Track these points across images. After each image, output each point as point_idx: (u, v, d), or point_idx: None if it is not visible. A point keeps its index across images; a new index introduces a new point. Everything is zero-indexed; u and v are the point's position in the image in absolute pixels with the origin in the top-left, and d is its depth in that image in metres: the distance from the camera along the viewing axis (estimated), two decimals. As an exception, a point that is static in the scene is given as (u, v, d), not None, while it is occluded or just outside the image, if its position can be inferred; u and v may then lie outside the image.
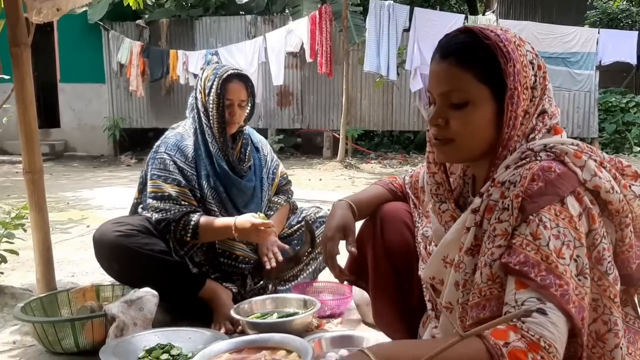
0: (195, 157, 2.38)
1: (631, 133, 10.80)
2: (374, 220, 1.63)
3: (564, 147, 1.11)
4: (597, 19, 14.03)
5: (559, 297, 0.97)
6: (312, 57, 9.37)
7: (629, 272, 1.13)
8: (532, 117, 1.17)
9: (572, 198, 1.06)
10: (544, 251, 1.02)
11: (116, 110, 11.80)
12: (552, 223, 1.03)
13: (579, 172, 1.08)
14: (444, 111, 1.18)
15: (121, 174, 8.99)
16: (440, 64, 1.18)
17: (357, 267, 1.70)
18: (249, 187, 2.49)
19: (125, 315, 2.00)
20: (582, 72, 9.51)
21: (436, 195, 1.34)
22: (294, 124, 11.49)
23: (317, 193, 6.20)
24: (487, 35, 1.15)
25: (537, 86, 1.17)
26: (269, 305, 2.28)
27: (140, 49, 10.55)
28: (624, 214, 1.10)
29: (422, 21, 8.94)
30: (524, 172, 1.09)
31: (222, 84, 2.36)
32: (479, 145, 1.19)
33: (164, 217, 2.28)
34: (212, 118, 2.38)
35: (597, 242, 1.07)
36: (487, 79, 1.14)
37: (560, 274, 1.00)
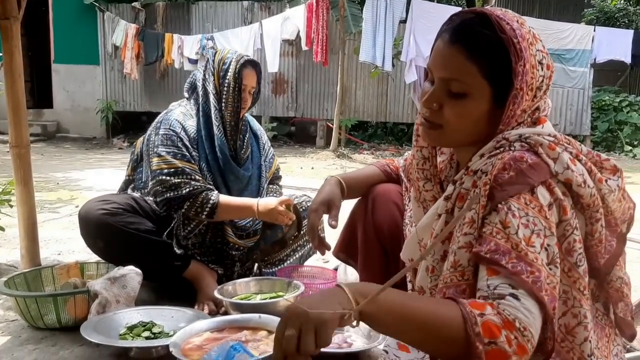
0: (197, 139, 2.36)
1: (623, 132, 10.84)
2: (366, 200, 1.66)
3: (539, 138, 1.10)
4: (594, 17, 14.04)
5: (531, 284, 0.96)
6: (307, 45, 9.34)
7: (597, 266, 1.12)
8: (526, 115, 1.16)
9: (543, 188, 1.05)
10: (513, 239, 1.00)
11: (110, 92, 11.72)
12: (521, 212, 1.02)
13: (552, 164, 1.07)
14: (441, 96, 1.15)
15: (113, 157, 8.96)
16: (449, 48, 1.13)
17: (348, 246, 1.73)
18: (246, 176, 2.47)
19: (108, 292, 2.00)
20: (576, 69, 9.54)
21: (422, 170, 1.34)
22: (288, 112, 11.47)
23: (309, 181, 6.20)
24: (504, 28, 1.10)
25: (542, 87, 1.15)
26: (252, 287, 2.28)
27: (136, 32, 10.48)
28: (594, 208, 1.09)
29: (419, 13, 8.91)
30: (496, 161, 1.08)
31: (240, 68, 2.35)
32: (467, 135, 1.18)
33: (178, 194, 2.23)
34: (226, 101, 2.36)
35: (568, 234, 1.06)
36: (492, 76, 1.11)
37: (531, 261, 0.98)
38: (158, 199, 2.27)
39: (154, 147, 2.29)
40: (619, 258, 1.16)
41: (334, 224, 1.57)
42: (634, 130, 10.86)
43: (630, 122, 10.91)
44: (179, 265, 2.29)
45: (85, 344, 1.87)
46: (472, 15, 1.14)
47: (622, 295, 1.18)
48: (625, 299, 1.18)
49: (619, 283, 1.17)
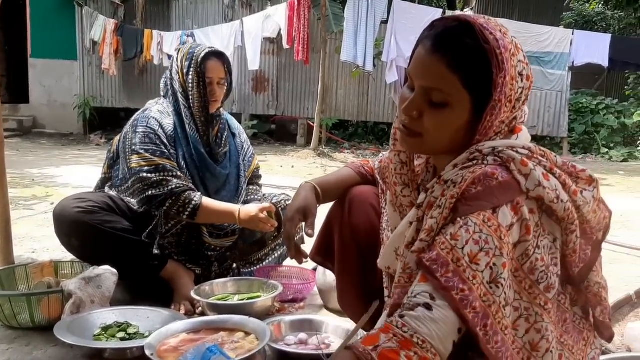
0: (174, 137, 2.33)
1: (600, 134, 11.01)
2: (343, 203, 1.64)
3: (512, 152, 1.10)
4: (573, 21, 14.23)
5: (458, 302, 0.99)
6: (289, 44, 9.31)
7: (572, 275, 1.13)
8: (504, 125, 1.15)
9: (507, 208, 1.05)
10: (456, 253, 1.02)
11: (87, 88, 11.57)
12: (477, 228, 1.02)
13: (523, 181, 1.07)
14: (421, 104, 1.14)
15: (90, 153, 8.85)
16: (430, 56, 1.11)
17: (325, 248, 1.71)
18: (223, 174, 2.44)
19: (82, 292, 1.97)
20: (554, 72, 9.65)
21: (400, 175, 1.33)
22: (268, 110, 11.44)
23: (289, 180, 6.19)
24: (487, 38, 1.08)
25: (522, 97, 1.14)
26: (230, 288, 2.26)
27: (115, 27, 10.37)
28: (569, 221, 1.09)
29: (400, 14, 8.94)
30: (467, 174, 1.08)
31: (201, 62, 2.31)
32: (446, 144, 1.17)
33: (162, 191, 2.19)
34: (193, 98, 2.33)
35: (531, 253, 1.06)
36: (473, 86, 1.09)
37: (466, 278, 1.00)
38: (139, 197, 2.24)
39: (132, 146, 2.25)
40: (595, 265, 1.16)
41: (311, 232, 1.56)
42: (610, 132, 11.04)
43: (607, 124, 11.09)
44: (156, 264, 2.26)
45: (59, 345, 1.84)
46: (455, 23, 1.12)
47: (601, 299, 1.19)
48: (604, 302, 1.19)
49: (596, 288, 1.17)
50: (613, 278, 2.81)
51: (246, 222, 2.25)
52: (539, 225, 1.08)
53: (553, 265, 1.09)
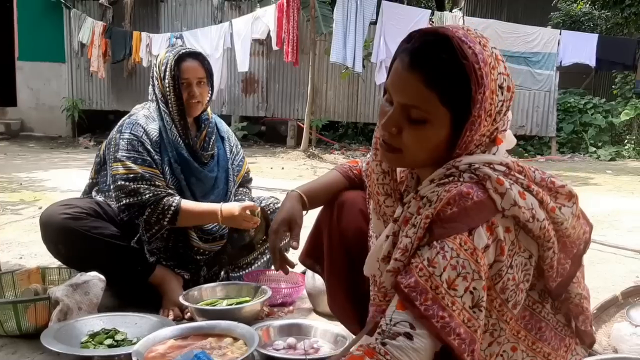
0: (159, 142, 2.32)
1: (588, 134, 11.08)
2: (331, 208, 1.64)
3: (488, 170, 1.08)
4: (561, 21, 14.31)
5: (439, 329, 1.00)
6: (278, 45, 9.31)
7: (549, 288, 1.14)
8: (486, 137, 1.14)
9: (482, 229, 1.04)
10: (435, 280, 1.02)
11: (76, 90, 11.51)
12: (454, 253, 1.02)
13: (498, 200, 1.06)
14: (400, 120, 1.12)
15: (78, 156, 8.80)
16: (407, 72, 1.09)
17: (315, 252, 1.71)
18: (210, 177, 2.43)
19: (69, 299, 1.96)
20: (542, 72, 9.70)
21: (382, 185, 1.32)
22: (258, 112, 11.42)
23: (279, 182, 6.18)
24: (466, 53, 1.06)
25: (503, 110, 1.12)
26: (219, 293, 2.26)
27: (103, 29, 10.32)
28: (545, 239, 1.09)
29: (389, 15, 8.97)
30: (442, 193, 1.08)
31: (174, 64, 2.30)
32: (426, 159, 1.16)
33: (138, 200, 2.19)
34: (171, 102, 2.32)
35: (503, 273, 1.06)
36: (452, 103, 1.08)
37: (445, 305, 1.01)
38: (117, 205, 2.24)
39: (115, 152, 2.25)
40: (574, 278, 1.16)
41: (295, 244, 1.56)
42: (598, 131, 11.11)
43: (595, 123, 11.16)
44: (144, 270, 2.26)
45: (46, 352, 1.83)
46: (433, 37, 1.10)
47: (582, 309, 1.19)
48: (585, 312, 1.20)
49: (577, 299, 1.18)
50: (600, 278, 2.83)
51: (228, 220, 2.25)
52: (514, 244, 1.08)
53: (524, 282, 1.10)
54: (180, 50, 2.35)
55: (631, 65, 9.70)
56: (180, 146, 2.33)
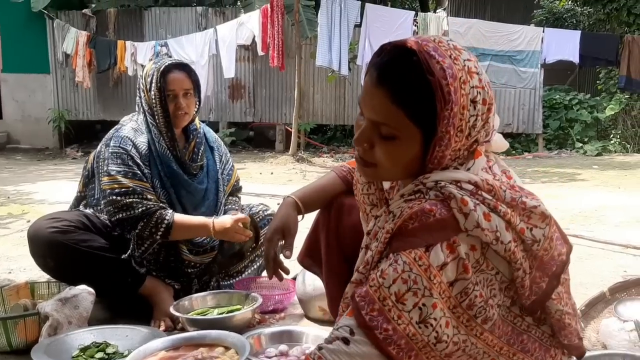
0: (148, 155, 2.31)
1: (574, 129, 11.16)
2: (330, 211, 1.64)
3: (453, 190, 1.06)
4: (544, 18, 14.42)
5: (381, 341, 1.01)
6: (263, 51, 9.31)
7: (525, 306, 1.12)
8: (462, 151, 1.12)
9: (441, 247, 1.03)
10: (383, 291, 1.02)
11: (61, 101, 11.43)
12: (406, 266, 1.02)
13: (462, 220, 1.04)
14: (371, 136, 1.12)
15: (66, 167, 8.74)
16: (375, 89, 1.08)
17: (313, 252, 1.72)
18: (200, 189, 2.42)
19: (59, 313, 1.95)
20: (527, 69, 9.77)
21: (367, 195, 1.32)
22: (246, 118, 11.41)
23: (268, 187, 6.17)
24: (433, 69, 1.04)
25: (477, 124, 1.09)
26: (209, 302, 2.26)
27: (87, 39, 10.27)
28: (512, 260, 1.06)
29: (373, 17, 9.00)
30: (405, 209, 1.07)
31: (161, 76, 2.29)
32: (402, 173, 1.16)
33: (130, 214, 2.18)
34: (157, 114, 2.31)
35: (470, 291, 1.04)
36: (421, 120, 1.06)
37: (391, 318, 1.01)
38: (110, 220, 2.23)
39: (104, 166, 2.24)
40: (552, 295, 1.13)
41: (288, 254, 1.57)
42: (584, 127, 11.19)
43: (581, 119, 11.24)
44: (134, 281, 2.25)
45: (36, 368, 1.82)
46: (402, 52, 1.08)
47: (564, 324, 1.16)
48: (568, 327, 1.17)
49: (558, 315, 1.15)
50: (588, 274, 2.86)
51: (221, 233, 2.25)
52: (479, 262, 1.06)
53: (492, 297, 1.08)
54: (166, 62, 2.34)
55: (614, 61, 9.79)
56: (168, 159, 2.33)
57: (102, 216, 2.29)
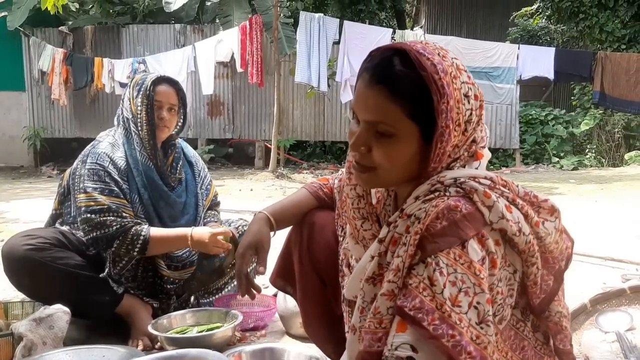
0: (127, 170, 2.28)
1: (550, 144, 11.35)
2: (302, 228, 1.61)
3: (474, 184, 1.08)
4: (519, 36, 14.69)
5: (450, 349, 0.97)
6: (243, 67, 9.32)
7: (533, 305, 1.13)
8: (462, 149, 1.13)
9: (475, 242, 1.03)
10: (439, 299, 0.99)
11: (37, 119, 11.32)
12: (450, 268, 1.00)
13: (486, 212, 1.05)
14: (368, 138, 1.12)
15: (41, 186, 8.60)
16: (369, 89, 1.09)
17: (286, 272, 1.68)
18: (179, 202, 2.39)
19: (33, 334, 1.90)
20: (503, 85, 9.91)
21: (357, 209, 1.30)
22: (225, 134, 11.39)
23: (248, 203, 6.13)
24: (424, 65, 1.06)
25: (473, 118, 1.11)
26: (189, 320, 2.22)
27: (63, 56, 10.19)
28: (530, 253, 1.08)
29: (351, 34, 9.08)
30: (430, 209, 1.06)
31: (151, 85, 2.29)
32: (401, 175, 1.15)
33: (105, 232, 2.14)
34: (141, 121, 2.29)
35: (494, 287, 1.05)
36: (418, 116, 1.07)
37: (454, 323, 0.98)
38: (85, 238, 2.19)
39: (80, 183, 2.20)
40: (556, 295, 1.15)
41: (262, 270, 1.53)
42: (560, 142, 11.39)
43: (556, 134, 11.45)
44: (111, 300, 2.20)
45: (9, 391, 1.76)
46: (391, 52, 1.10)
47: (561, 327, 1.18)
48: (564, 330, 1.18)
49: (557, 317, 1.17)
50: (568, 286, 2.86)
51: (199, 244, 2.21)
52: (503, 257, 1.06)
53: (509, 297, 1.09)
54: (157, 74, 2.36)
55: (588, 77, 9.98)
56: (149, 168, 2.30)
57: (79, 233, 2.25)
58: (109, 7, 11.84)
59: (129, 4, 11.88)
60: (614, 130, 11.23)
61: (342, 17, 11.81)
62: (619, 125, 11.20)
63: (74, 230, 2.28)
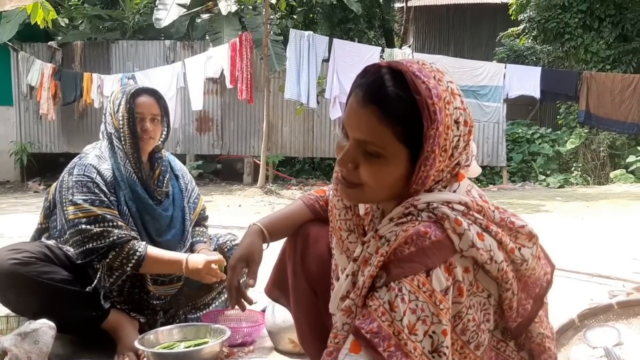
0: (114, 182, 2.26)
1: (536, 162, 11.46)
2: (296, 240, 1.60)
3: (446, 210, 1.07)
4: (505, 55, 14.88)
5: None
6: (232, 84, 9.35)
7: (510, 329, 1.13)
8: (445, 172, 1.12)
9: (440, 271, 1.02)
10: (397, 325, 1.00)
11: (24, 134, 11.26)
12: (412, 296, 1.00)
13: (457, 240, 1.04)
14: (356, 156, 1.11)
15: (27, 201, 8.53)
16: (362, 108, 1.08)
17: (280, 284, 1.68)
18: (165, 216, 2.37)
19: (18, 348, 1.87)
20: (490, 104, 10.01)
21: (344, 221, 1.30)
22: (213, 150, 11.38)
23: (236, 219, 6.11)
24: (419, 88, 1.05)
25: (460, 144, 1.10)
26: (176, 335, 2.19)
27: (52, 71, 10.16)
28: (504, 280, 1.07)
29: (340, 52, 9.16)
30: (400, 232, 1.06)
31: (130, 98, 2.27)
32: (387, 194, 1.14)
33: (103, 243, 2.11)
34: (124, 135, 2.27)
35: (463, 315, 1.05)
36: (408, 139, 1.07)
37: (408, 352, 0.99)
38: (79, 250, 2.15)
39: (69, 195, 2.17)
40: (536, 317, 1.15)
41: (252, 283, 1.52)
42: (546, 160, 11.51)
43: (543, 152, 11.58)
44: (98, 315, 2.18)
45: (-8, 408, 1.74)
46: (387, 72, 1.09)
47: (544, 348, 1.17)
48: (548, 351, 1.18)
49: (539, 338, 1.17)
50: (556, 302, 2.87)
51: (193, 273, 2.20)
52: (472, 284, 1.06)
53: (485, 322, 1.08)
54: (136, 86, 2.34)
55: (574, 96, 10.11)
56: (134, 182, 2.28)
57: (65, 247, 2.23)
58: (99, 23, 11.84)
59: (119, 20, 11.90)
60: (600, 149, 11.36)
61: (331, 35, 11.92)
62: (604, 144, 11.34)
63: (60, 244, 2.26)
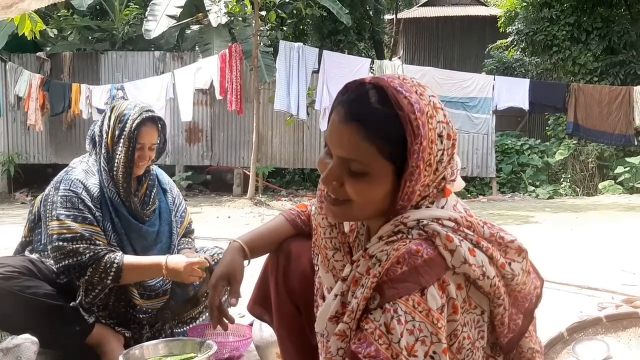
0: (100, 197, 2.23)
1: (525, 173, 11.52)
2: (278, 256, 1.58)
3: (437, 226, 1.06)
4: (494, 67, 15.01)
5: None
6: (222, 95, 9.35)
7: (500, 344, 1.12)
8: (431, 187, 1.11)
9: (435, 288, 1.01)
10: (395, 348, 0.98)
11: (12, 144, 11.19)
12: (408, 316, 0.99)
13: (449, 257, 1.03)
14: (340, 174, 1.09)
15: (14, 212, 8.45)
16: (344, 126, 1.07)
17: (263, 301, 1.65)
18: (151, 232, 2.35)
19: (-1, 365, 1.83)
20: (479, 115, 10.08)
21: (329, 239, 1.28)
22: (203, 161, 11.35)
23: (225, 230, 6.08)
24: (401, 104, 1.04)
25: (444, 158, 1.10)
26: (162, 350, 2.15)
27: (40, 82, 10.12)
28: (496, 296, 1.07)
29: (330, 64, 9.20)
30: (391, 252, 1.05)
31: (135, 128, 2.21)
32: (373, 211, 1.13)
33: (77, 260, 2.08)
34: (118, 163, 2.22)
35: (459, 333, 1.03)
36: (392, 155, 1.05)
37: None
38: (57, 266, 2.12)
39: (53, 210, 2.14)
40: (526, 333, 1.14)
41: (234, 301, 1.49)
42: (535, 171, 11.58)
43: (532, 163, 11.65)
44: (82, 330, 2.14)
45: None
46: (368, 88, 1.08)
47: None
48: None
49: (529, 353, 1.16)
50: (545, 315, 2.87)
51: (173, 273, 2.16)
52: (465, 301, 1.05)
53: (479, 339, 1.07)
54: (141, 113, 2.25)
55: (562, 108, 10.20)
56: (118, 204, 2.25)
57: (49, 261, 2.19)
58: (88, 34, 11.83)
59: (108, 31, 11.89)
60: (588, 160, 11.45)
61: (321, 46, 11.97)
62: (592, 155, 11.44)
63: (44, 258, 2.22)
